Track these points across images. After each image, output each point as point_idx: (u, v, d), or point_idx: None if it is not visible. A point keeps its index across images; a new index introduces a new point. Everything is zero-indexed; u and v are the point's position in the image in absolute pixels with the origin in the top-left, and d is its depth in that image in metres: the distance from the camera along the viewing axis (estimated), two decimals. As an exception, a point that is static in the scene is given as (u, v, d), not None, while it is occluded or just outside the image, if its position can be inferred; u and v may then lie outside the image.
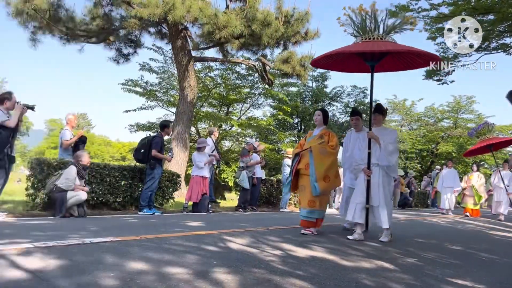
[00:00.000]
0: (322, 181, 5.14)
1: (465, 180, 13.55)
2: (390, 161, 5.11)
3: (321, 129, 5.58)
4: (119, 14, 11.50)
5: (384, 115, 5.59)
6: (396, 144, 5.25)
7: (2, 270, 2.49)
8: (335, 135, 5.54)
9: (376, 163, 5.21)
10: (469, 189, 13.12)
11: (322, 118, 5.61)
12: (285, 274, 2.95)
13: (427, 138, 27.23)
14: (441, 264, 3.94)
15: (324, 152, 5.25)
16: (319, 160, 5.19)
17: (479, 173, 13.41)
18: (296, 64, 11.77)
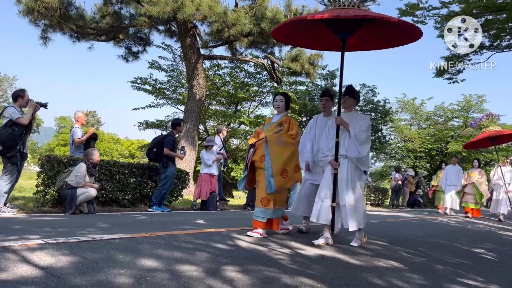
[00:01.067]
0: (279, 176, 4.45)
1: (465, 177, 12.45)
2: (360, 152, 4.34)
3: (282, 115, 4.85)
4: (128, 12, 11.56)
5: (356, 99, 4.73)
6: (368, 132, 4.47)
7: (13, 266, 2.51)
8: (297, 122, 4.89)
9: (345, 155, 4.44)
10: (470, 186, 12.08)
11: (284, 104, 4.86)
12: (295, 273, 2.94)
13: (437, 137, 26.98)
14: (452, 264, 3.91)
15: (282, 142, 4.55)
16: (276, 151, 4.50)
17: (480, 170, 12.33)
18: (305, 62, 11.75)
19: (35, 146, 64.51)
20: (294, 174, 4.60)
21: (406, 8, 13.11)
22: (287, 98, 4.97)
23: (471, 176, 12.13)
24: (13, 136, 5.77)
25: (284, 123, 4.74)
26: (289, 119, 4.83)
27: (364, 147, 4.38)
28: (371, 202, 16.30)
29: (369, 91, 23.97)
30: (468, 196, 12.10)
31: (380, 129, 25.18)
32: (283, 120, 4.79)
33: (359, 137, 4.36)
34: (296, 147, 4.66)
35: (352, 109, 4.73)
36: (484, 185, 11.95)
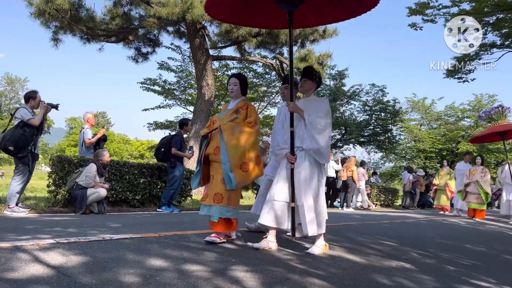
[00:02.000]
0: (239, 169, 3.84)
1: (466, 175, 11.38)
2: (318, 143, 3.73)
3: (238, 101, 4.24)
4: (138, 14, 11.65)
5: (315, 81, 4.08)
6: (328, 119, 3.85)
7: (25, 265, 2.54)
8: (255, 108, 4.29)
9: (301, 146, 3.86)
10: (473, 185, 10.99)
11: (239, 88, 4.24)
12: (304, 273, 2.93)
13: (447, 137, 26.76)
14: (463, 265, 3.87)
15: (238, 131, 3.94)
16: (232, 142, 3.89)
17: (483, 168, 11.26)
18: (313, 62, 11.73)
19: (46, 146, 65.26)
20: (255, 167, 3.97)
21: (416, 7, 13.03)
22: (243, 81, 4.32)
23: (473, 174, 11.18)
24: (24, 137, 5.84)
25: (241, 109, 4.13)
26: (247, 104, 4.19)
27: (322, 136, 3.76)
28: (380, 202, 16.21)
29: (378, 91, 23.86)
30: (471, 196, 11.08)
31: (390, 129, 25.04)
32: (239, 106, 4.16)
33: (316, 125, 3.76)
34: (255, 137, 4.01)
35: (311, 94, 4.14)
36: (487, 184, 10.99)
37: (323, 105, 3.96)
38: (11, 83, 55.37)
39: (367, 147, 26.89)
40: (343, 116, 24.50)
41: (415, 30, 13.91)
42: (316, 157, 3.81)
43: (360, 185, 13.56)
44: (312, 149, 3.77)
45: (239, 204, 4.12)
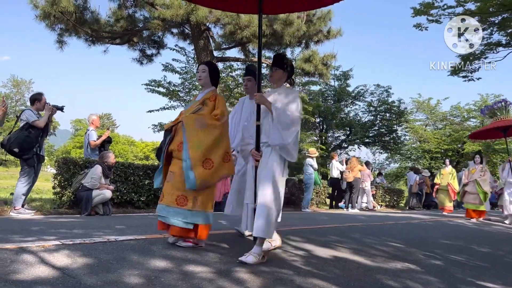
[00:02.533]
0: (201, 167, 3.42)
1: (465, 174, 10.92)
2: (285, 139, 3.37)
3: (207, 92, 3.83)
4: (142, 16, 11.67)
5: (286, 70, 3.72)
6: (297, 112, 3.50)
7: (30, 266, 2.55)
8: (224, 100, 3.88)
9: (266, 142, 3.50)
10: (472, 185, 10.50)
11: (208, 75, 3.82)
12: (308, 275, 2.93)
13: (453, 138, 26.63)
14: (469, 266, 3.85)
15: (202, 125, 3.54)
16: (194, 136, 3.50)
17: (482, 166, 10.73)
18: (318, 63, 11.70)
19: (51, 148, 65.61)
20: (223, 164, 3.53)
21: (420, 7, 12.99)
22: (213, 69, 3.90)
23: (472, 173, 10.66)
24: (29, 139, 5.87)
25: (209, 100, 3.73)
26: (216, 95, 3.78)
27: (290, 132, 3.40)
28: (385, 203, 16.15)
29: (383, 91, 23.78)
30: (470, 196, 10.59)
31: (395, 130, 24.96)
32: (207, 97, 3.77)
33: (283, 119, 3.40)
34: (223, 130, 3.62)
35: (282, 84, 3.76)
36: (488, 183, 10.47)
37: (293, 97, 3.56)
38: (17, 86, 55.73)
39: (372, 147, 26.80)
40: (348, 116, 24.44)
41: (420, 30, 13.86)
42: (282, 153, 3.44)
43: (365, 186, 13.52)
44: (278, 145, 3.40)
45: (209, 207, 3.58)
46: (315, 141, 21.79)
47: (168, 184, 3.61)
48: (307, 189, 11.28)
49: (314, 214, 10.04)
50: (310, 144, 19.34)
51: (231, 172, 3.74)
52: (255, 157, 3.48)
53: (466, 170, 11.03)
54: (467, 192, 10.63)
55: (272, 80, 3.77)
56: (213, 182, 3.60)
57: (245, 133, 3.78)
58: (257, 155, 3.47)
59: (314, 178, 11.39)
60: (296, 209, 11.32)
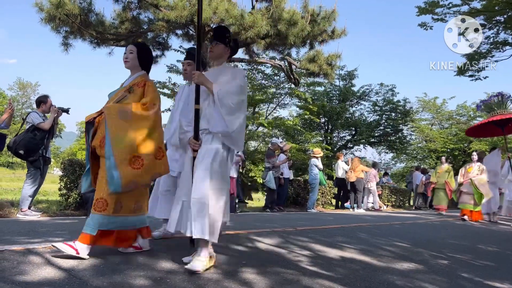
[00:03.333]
0: (127, 166, 2.93)
1: (461, 173, 10.30)
2: (229, 125, 2.90)
3: (135, 77, 3.32)
4: (147, 17, 11.71)
5: (228, 45, 3.21)
6: (243, 95, 3.04)
7: (37, 268, 2.56)
8: (155, 87, 3.32)
9: (206, 128, 3.00)
10: (467, 184, 9.95)
11: (136, 57, 3.31)
12: (315, 275, 2.91)
13: (459, 137, 26.47)
14: (476, 266, 3.82)
15: (127, 115, 3.03)
16: (117, 129, 2.98)
17: (480, 165, 10.06)
18: (323, 63, 11.67)
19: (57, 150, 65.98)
20: (155, 162, 3.06)
21: (425, 6, 12.95)
22: (142, 50, 3.41)
23: (469, 172, 10.04)
24: (34, 141, 5.90)
25: (136, 87, 3.21)
26: (145, 81, 3.27)
27: (234, 117, 2.93)
28: (392, 203, 16.08)
29: (388, 90, 23.71)
30: (466, 196, 10.00)
31: (401, 130, 24.87)
32: (135, 83, 3.25)
33: (227, 103, 2.91)
34: (154, 123, 3.11)
35: (224, 62, 3.25)
36: (485, 183, 9.74)
37: (238, 77, 3.08)
38: (23, 88, 56.16)
39: (378, 147, 26.72)
40: (353, 116, 24.39)
41: (425, 29, 13.80)
42: (226, 142, 2.98)
43: (370, 186, 13.47)
44: (221, 132, 2.93)
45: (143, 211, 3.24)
46: (320, 141, 21.75)
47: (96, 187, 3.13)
48: (313, 190, 11.26)
49: (320, 214, 10.02)
50: (315, 144, 19.31)
51: (165, 171, 3.22)
52: (193, 147, 2.95)
53: (463, 169, 10.44)
54: (463, 193, 10.07)
55: (212, 56, 3.22)
56: (143, 183, 3.09)
57: (183, 120, 3.16)
58: (196, 144, 2.95)
59: (320, 178, 11.36)
60: (302, 209, 11.30)
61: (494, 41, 13.93)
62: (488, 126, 9.27)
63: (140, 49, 3.36)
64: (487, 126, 9.25)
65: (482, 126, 9.47)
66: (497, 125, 9.05)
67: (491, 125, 9.13)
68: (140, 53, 3.34)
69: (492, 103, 9.02)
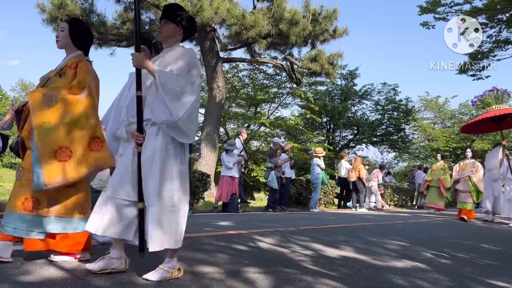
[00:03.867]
0: (52, 159, 2.57)
1: (456, 169, 9.82)
2: (174, 113, 2.45)
3: (69, 58, 2.91)
4: (148, 18, 11.73)
5: (181, 25, 2.72)
6: (193, 78, 2.60)
7: (39, 268, 2.57)
8: (90, 68, 2.87)
9: (150, 119, 2.59)
10: (463, 182, 9.41)
11: (67, 35, 2.89)
12: (317, 275, 2.91)
13: (461, 136, 26.42)
14: (479, 265, 3.81)
15: (50, 102, 2.63)
16: (43, 117, 2.61)
17: (475, 161, 9.58)
18: (324, 62, 11.68)
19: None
20: (89, 154, 2.67)
21: (427, 5, 12.93)
22: (76, 26, 2.97)
23: (463, 168, 9.56)
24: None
25: (69, 69, 2.81)
26: (79, 61, 2.83)
27: (180, 104, 2.48)
28: (394, 203, 16.05)
29: (390, 90, 23.67)
30: (461, 195, 9.46)
31: (403, 129, 24.83)
32: (68, 64, 2.84)
33: (171, 86, 2.48)
34: (86, 108, 2.72)
35: (177, 43, 2.79)
36: (481, 180, 9.33)
37: (185, 56, 2.65)
38: (25, 89, 56.28)
39: (380, 147, 26.70)
40: (355, 116, 24.38)
41: (427, 29, 13.79)
42: (172, 134, 2.54)
43: (372, 185, 13.45)
44: (165, 122, 2.50)
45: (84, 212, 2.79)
46: (322, 141, 21.74)
47: (16, 183, 2.77)
48: (315, 189, 11.25)
49: (322, 214, 10.01)
50: (317, 144, 19.31)
51: (106, 164, 2.80)
52: (137, 140, 2.55)
53: (457, 165, 9.96)
54: (459, 191, 9.52)
55: (161, 37, 2.77)
56: (75, 179, 2.65)
57: (129, 109, 2.70)
58: (139, 137, 2.54)
59: (322, 178, 11.35)
60: (304, 209, 11.29)
61: (496, 39, 13.90)
62: (485, 122, 8.97)
63: (72, 25, 2.95)
64: (484, 122, 8.93)
65: (478, 123, 9.10)
66: (493, 121, 8.76)
67: (487, 121, 8.83)
68: (72, 30, 2.91)
69: (487, 98, 8.68)
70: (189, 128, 2.54)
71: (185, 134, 2.54)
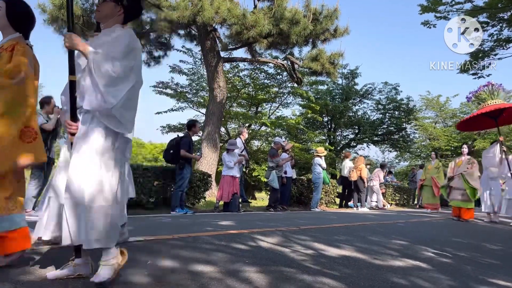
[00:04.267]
0: None
1: (451, 167, 9.53)
2: (107, 99, 2.25)
3: (6, 40, 2.68)
4: (149, 18, 11.75)
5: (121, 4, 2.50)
6: (130, 61, 2.36)
7: (40, 267, 2.57)
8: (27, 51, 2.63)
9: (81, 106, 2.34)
10: (457, 179, 9.12)
11: (4, 14, 2.65)
12: (318, 274, 2.91)
13: (463, 135, 26.37)
14: (480, 264, 3.80)
15: None
16: None
17: (470, 158, 9.27)
18: (325, 61, 11.67)
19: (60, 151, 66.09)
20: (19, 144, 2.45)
21: (428, 4, 12.90)
22: (13, 4, 2.69)
23: (459, 166, 9.24)
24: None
25: (4, 52, 2.58)
26: (16, 44, 2.60)
27: (115, 89, 2.27)
28: (395, 202, 16.04)
29: (391, 89, 23.64)
30: (456, 192, 9.13)
31: (404, 128, 24.79)
32: (5, 46, 2.62)
33: (104, 70, 2.25)
34: (16, 95, 2.45)
35: (117, 24, 2.53)
36: (476, 177, 8.98)
37: (123, 37, 2.41)
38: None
39: (381, 146, 26.66)
40: (356, 115, 24.35)
41: (428, 28, 13.76)
42: (107, 123, 2.29)
43: (373, 185, 13.45)
44: (97, 109, 2.27)
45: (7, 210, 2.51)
46: (323, 140, 21.72)
47: None
48: (316, 189, 11.25)
49: (324, 213, 10.01)
50: (318, 144, 19.29)
51: (37, 159, 2.54)
52: (69, 129, 2.32)
53: (452, 162, 9.65)
54: (453, 188, 9.19)
55: (99, 16, 2.53)
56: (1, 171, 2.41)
57: (64, 96, 2.47)
58: (72, 126, 2.32)
59: (323, 177, 11.35)
60: (305, 208, 11.29)
61: (498, 38, 13.87)
62: (480, 119, 8.61)
63: (10, 4, 2.67)
64: (479, 118, 8.59)
65: (474, 119, 8.77)
66: (489, 117, 8.45)
67: (483, 117, 8.52)
68: (10, 9, 2.65)
69: (482, 94, 8.38)
70: (125, 116, 2.32)
71: (121, 124, 2.31)
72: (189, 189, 8.34)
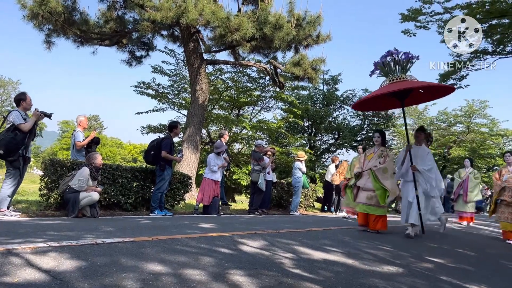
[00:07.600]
0: None
1: (360, 161, 7.03)
2: None
3: None
4: (132, 17, 11.66)
5: None
6: None
7: (17, 269, 2.52)
8: None
9: None
10: (366, 177, 6.58)
11: None
12: (297, 277, 2.94)
13: (439, 143, 26.97)
14: (455, 269, 3.90)
15: None
16: None
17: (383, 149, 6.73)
18: (307, 67, 11.77)
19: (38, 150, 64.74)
20: None
21: (408, 13, 13.16)
22: None
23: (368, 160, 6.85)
24: (14, 141, 5.80)
25: None
26: None
27: None
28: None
29: (371, 96, 23.98)
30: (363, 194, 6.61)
31: (383, 134, 25.14)
32: None
33: None
34: None
35: None
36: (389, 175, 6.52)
37: None
38: (4, 86, 55.00)
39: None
40: (336, 120, 24.60)
41: (409, 36, 14.04)
42: None
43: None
44: None
45: None
46: (303, 144, 21.86)
47: None
48: (296, 193, 11.32)
49: (303, 217, 10.07)
50: (299, 147, 19.41)
51: None
52: None
53: (362, 155, 7.33)
54: (360, 188, 6.81)
55: None
56: None
57: None
58: None
59: (303, 181, 11.43)
60: (285, 212, 11.34)
61: (475, 50, 14.24)
62: (381, 97, 6.69)
63: None
64: (379, 97, 6.62)
65: (372, 98, 6.80)
66: (393, 96, 6.62)
67: (384, 96, 6.54)
68: None
69: (388, 65, 6.50)
70: None
71: None
72: (168, 191, 8.27)
